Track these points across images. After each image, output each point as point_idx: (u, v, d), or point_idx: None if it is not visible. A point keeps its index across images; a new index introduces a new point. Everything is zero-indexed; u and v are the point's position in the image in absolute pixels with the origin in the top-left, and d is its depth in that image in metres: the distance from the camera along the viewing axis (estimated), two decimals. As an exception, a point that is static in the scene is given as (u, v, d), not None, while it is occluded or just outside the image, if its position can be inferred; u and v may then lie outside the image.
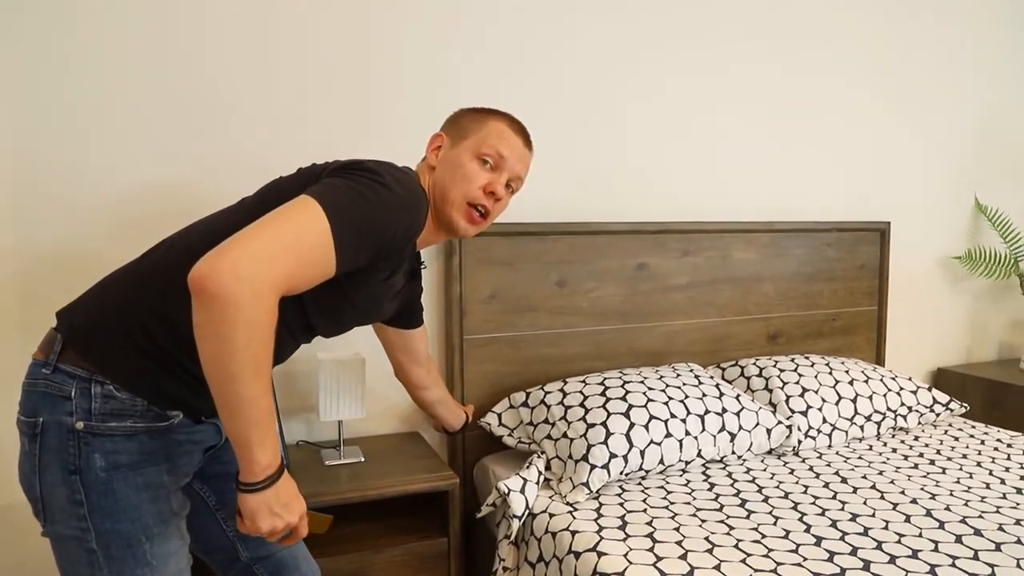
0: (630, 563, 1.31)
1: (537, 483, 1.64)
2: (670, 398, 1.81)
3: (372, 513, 1.78)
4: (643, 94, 2.19)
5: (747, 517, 1.50)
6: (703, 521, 1.48)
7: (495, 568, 1.61)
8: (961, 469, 1.78)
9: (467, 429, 1.98)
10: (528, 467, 1.67)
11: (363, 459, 1.75)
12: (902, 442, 2.01)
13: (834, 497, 1.60)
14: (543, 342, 2.07)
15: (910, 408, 2.10)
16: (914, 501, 1.57)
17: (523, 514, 1.56)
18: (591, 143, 2.14)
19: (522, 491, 1.58)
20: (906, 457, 1.88)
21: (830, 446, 1.97)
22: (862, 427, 2.02)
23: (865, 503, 1.56)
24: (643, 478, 1.73)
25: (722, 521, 1.48)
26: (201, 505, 1.23)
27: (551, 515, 1.54)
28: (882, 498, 1.59)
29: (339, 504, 1.54)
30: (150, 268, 1.07)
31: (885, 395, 2.09)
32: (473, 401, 1.99)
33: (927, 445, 1.98)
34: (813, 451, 1.93)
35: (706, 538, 1.40)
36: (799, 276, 2.42)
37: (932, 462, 1.83)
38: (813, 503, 1.57)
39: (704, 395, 1.86)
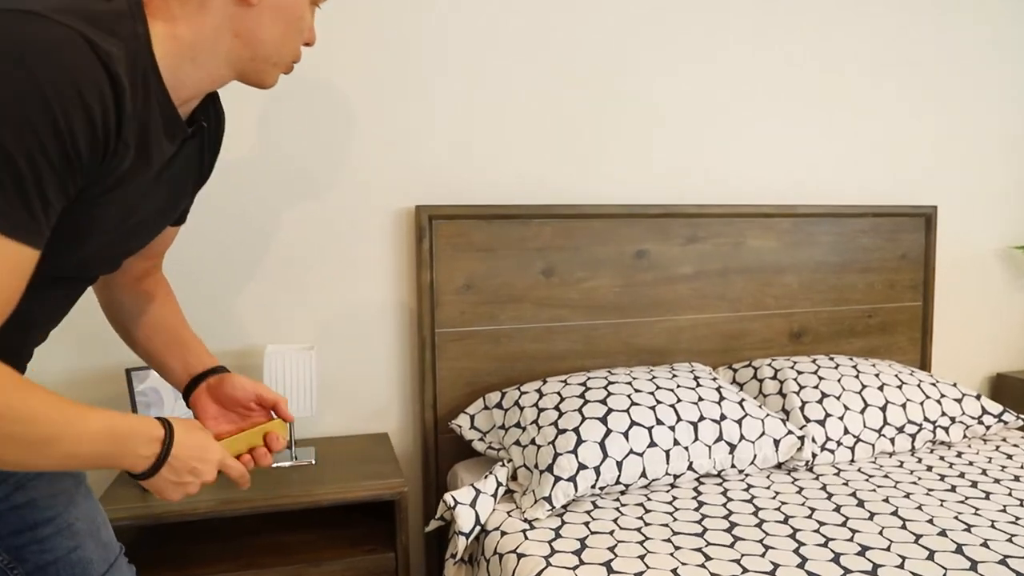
0: (573, 598, 1.10)
1: (494, 495, 1.44)
2: (659, 402, 1.59)
3: (324, 523, 1.61)
4: (645, 60, 1.96)
5: (731, 545, 1.26)
6: (676, 548, 1.25)
7: (443, 591, 1.42)
8: (1010, 495, 1.49)
9: (440, 432, 1.80)
10: (486, 477, 1.47)
11: (314, 462, 1.60)
12: (941, 458, 1.72)
13: (844, 524, 1.34)
14: (528, 337, 1.87)
15: (953, 419, 1.80)
16: (943, 533, 1.30)
17: (471, 531, 1.37)
18: (583, 115, 1.93)
19: (472, 504, 1.39)
20: (943, 477, 1.59)
21: (852, 461, 1.70)
22: (892, 440, 1.74)
23: (881, 533, 1.30)
24: (622, 493, 1.51)
25: (699, 549, 1.25)
26: None
27: (503, 533, 1.34)
28: (903, 527, 1.32)
29: (272, 512, 1.39)
30: None
31: (922, 403, 1.80)
32: (447, 402, 1.81)
33: (971, 463, 1.68)
34: (831, 466, 1.67)
35: (673, 570, 1.17)
36: (827, 266, 2.13)
37: (974, 484, 1.55)
38: (816, 531, 1.32)
39: (700, 399, 1.62)
